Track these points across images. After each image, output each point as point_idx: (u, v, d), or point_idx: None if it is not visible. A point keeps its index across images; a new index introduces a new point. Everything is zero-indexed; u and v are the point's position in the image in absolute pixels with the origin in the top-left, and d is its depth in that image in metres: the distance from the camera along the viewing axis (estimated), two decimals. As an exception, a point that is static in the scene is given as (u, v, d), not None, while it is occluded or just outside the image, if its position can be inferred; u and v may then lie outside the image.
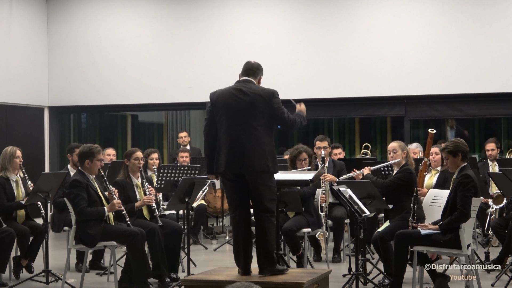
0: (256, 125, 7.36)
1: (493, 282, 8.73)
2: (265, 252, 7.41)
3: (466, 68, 14.17)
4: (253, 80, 7.60)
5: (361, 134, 16.07)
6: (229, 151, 7.38)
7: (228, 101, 7.46)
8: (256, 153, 7.33)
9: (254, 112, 7.37)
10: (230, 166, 7.39)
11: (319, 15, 14.93)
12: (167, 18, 15.64)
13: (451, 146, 8.02)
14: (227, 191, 7.70)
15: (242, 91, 7.47)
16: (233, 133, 7.40)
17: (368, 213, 8.37)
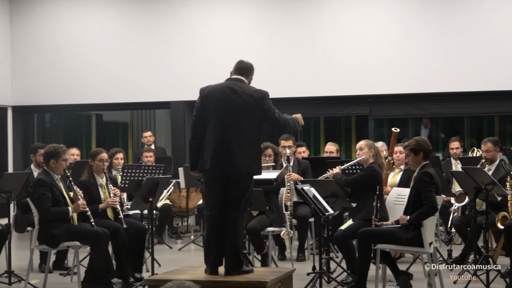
0: (246, 126, 7.37)
1: (455, 280, 8.80)
2: (234, 254, 7.42)
3: (430, 68, 14.27)
4: (245, 80, 7.59)
5: (325, 133, 16.13)
6: (217, 150, 7.34)
7: (220, 99, 7.41)
8: (243, 154, 7.33)
9: (245, 113, 7.36)
10: (216, 165, 7.35)
11: (284, 14, 14.96)
12: (133, 17, 15.56)
13: (413, 144, 8.11)
14: (207, 189, 7.59)
15: (235, 90, 7.43)
16: (222, 131, 7.36)
17: (332, 211, 8.42)
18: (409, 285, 8.12)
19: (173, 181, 12.07)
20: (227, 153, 7.32)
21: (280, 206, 9.95)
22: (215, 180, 7.42)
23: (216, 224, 7.41)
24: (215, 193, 7.43)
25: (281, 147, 10.86)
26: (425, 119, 15.71)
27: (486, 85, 14.11)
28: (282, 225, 9.83)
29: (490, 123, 15.80)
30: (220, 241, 7.40)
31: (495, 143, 10.04)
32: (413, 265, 9.54)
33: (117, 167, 10.71)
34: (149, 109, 16.98)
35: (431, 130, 16.01)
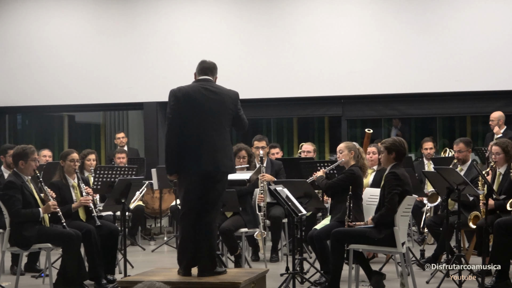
0: (225, 125, 7.40)
1: (428, 279, 8.83)
2: (210, 255, 7.40)
3: (403, 68, 14.35)
4: (211, 79, 7.57)
5: (299, 134, 16.16)
6: (200, 150, 7.31)
7: (198, 99, 7.37)
8: (224, 153, 7.36)
9: (223, 112, 7.39)
10: (200, 164, 7.31)
11: (257, 15, 14.97)
12: (105, 18, 15.51)
13: (389, 143, 8.14)
14: (186, 190, 7.50)
15: (211, 90, 7.42)
16: (203, 132, 7.34)
17: (305, 212, 8.42)
18: (382, 285, 8.14)
19: (146, 182, 12.03)
20: (210, 152, 7.31)
21: (253, 207, 9.95)
22: (197, 180, 7.37)
23: (193, 224, 7.38)
24: (195, 193, 7.39)
25: (254, 148, 10.85)
26: (395, 120, 15.78)
27: (458, 86, 14.20)
28: (256, 226, 9.83)
29: (462, 124, 15.90)
30: (195, 243, 7.38)
31: (467, 143, 10.09)
32: (386, 265, 9.57)
33: (89, 169, 10.65)
34: (122, 110, 16.93)
35: (403, 131, 16.09)
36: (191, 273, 7.42)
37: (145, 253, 11.87)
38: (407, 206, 7.99)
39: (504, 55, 14.04)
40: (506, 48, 14.05)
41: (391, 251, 8.07)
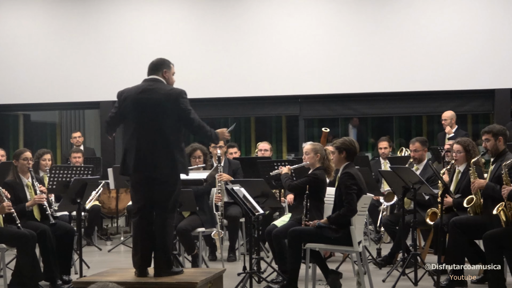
0: (164, 126, 7.25)
1: (384, 278, 8.88)
2: (164, 256, 7.36)
3: (360, 68, 14.43)
4: (159, 77, 7.42)
5: (256, 133, 16.16)
6: (139, 153, 7.25)
7: (136, 101, 7.30)
8: (165, 155, 7.23)
9: (162, 113, 7.24)
10: (140, 168, 7.27)
11: (216, 16, 14.97)
12: (62, 17, 15.41)
13: (339, 143, 8.18)
14: (133, 192, 7.52)
15: (149, 90, 7.32)
16: (141, 134, 7.27)
17: (262, 211, 8.42)
18: (339, 284, 8.17)
19: (102, 182, 11.94)
20: (149, 155, 7.23)
21: (211, 206, 9.93)
22: (141, 182, 7.35)
23: (143, 226, 7.34)
24: (142, 195, 7.36)
25: (212, 147, 10.85)
26: (354, 119, 15.86)
27: (414, 85, 14.33)
28: (213, 226, 9.82)
29: (418, 123, 16.02)
30: (148, 243, 7.34)
31: (423, 143, 10.17)
32: (343, 264, 9.61)
33: (44, 168, 10.54)
34: (78, 109, 16.78)
35: (360, 130, 16.17)
36: (146, 274, 7.37)
37: (101, 253, 11.78)
38: (363, 205, 8.04)
39: (458, 56, 14.20)
40: (460, 49, 14.20)
41: (347, 250, 8.09)
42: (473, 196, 8.41)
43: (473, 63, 14.17)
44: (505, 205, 7.67)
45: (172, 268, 7.44)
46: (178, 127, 7.36)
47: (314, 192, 8.58)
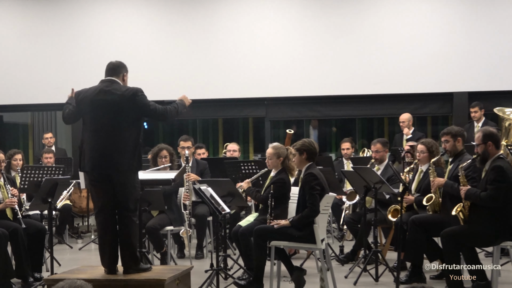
0: (121, 125, 7.20)
1: (346, 274, 8.94)
2: (130, 253, 7.33)
3: (323, 71, 14.49)
4: (117, 79, 7.40)
5: (224, 134, 16.17)
6: (95, 152, 7.21)
7: (93, 101, 7.27)
8: (122, 153, 7.17)
9: (118, 112, 7.18)
10: (96, 166, 7.24)
11: (183, 18, 14.94)
12: (32, 19, 15.30)
13: (299, 145, 8.22)
14: (92, 192, 7.53)
15: (106, 91, 7.27)
16: (98, 133, 7.22)
17: (228, 210, 8.42)
18: (303, 280, 8.19)
19: (73, 182, 11.88)
20: (106, 154, 7.19)
21: (179, 205, 9.93)
22: (98, 181, 7.31)
23: (107, 225, 7.30)
24: (102, 195, 7.31)
25: (180, 148, 10.85)
26: (314, 121, 15.91)
27: (376, 88, 14.42)
28: (181, 224, 9.82)
29: (380, 125, 16.11)
30: (113, 241, 7.31)
31: (384, 144, 10.23)
32: (307, 261, 9.66)
33: (16, 168, 10.52)
34: (49, 110, 16.67)
35: (324, 132, 16.23)
36: (116, 271, 7.35)
37: (72, 251, 11.73)
38: (326, 204, 8.07)
39: (417, 60, 14.30)
40: (419, 53, 14.30)
41: (311, 247, 8.13)
42: (433, 195, 8.49)
43: (432, 67, 14.28)
44: (463, 205, 7.76)
45: (140, 265, 7.42)
46: (137, 125, 7.30)
47: (279, 194, 8.63)
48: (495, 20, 14.20)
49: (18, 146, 16.27)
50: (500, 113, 9.86)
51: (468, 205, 7.76)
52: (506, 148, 8.77)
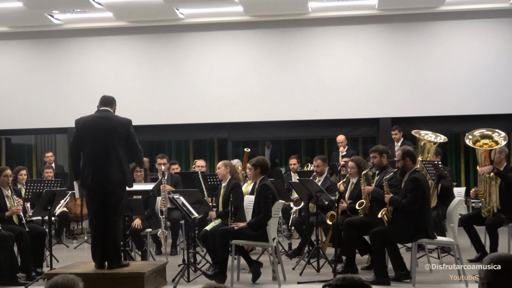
0: (116, 146, 7.23)
1: (293, 267, 8.93)
2: (114, 251, 7.29)
3: (274, 101, 14.52)
4: (110, 109, 7.49)
5: (194, 153, 16.11)
6: (95, 168, 7.21)
7: (92, 127, 7.30)
8: (116, 168, 7.19)
9: (114, 135, 7.25)
10: (96, 179, 7.21)
11: (160, 56, 14.90)
12: (36, 58, 15.22)
13: (254, 161, 8.27)
14: (89, 199, 7.46)
15: (105, 118, 7.35)
16: (97, 153, 7.24)
17: (197, 215, 8.39)
18: (259, 272, 8.18)
19: (69, 193, 11.75)
20: (103, 169, 7.21)
21: (156, 211, 9.87)
22: (95, 191, 7.29)
23: (99, 227, 7.27)
24: (96, 202, 7.30)
25: (157, 164, 10.82)
26: (268, 141, 15.92)
27: (317, 115, 14.48)
28: (159, 227, 9.76)
29: (321, 144, 16.16)
30: (103, 241, 7.26)
31: (324, 160, 10.28)
32: (262, 256, 9.63)
33: (21, 181, 10.44)
34: (49, 133, 16.49)
35: (274, 150, 16.25)
36: (104, 266, 7.29)
37: (68, 250, 11.58)
38: (276, 209, 8.09)
39: (350, 91, 14.38)
40: (351, 85, 14.38)
41: (265, 244, 8.13)
42: (363, 201, 8.54)
43: (362, 97, 14.39)
44: (387, 210, 7.82)
45: (121, 261, 7.38)
46: (127, 148, 7.33)
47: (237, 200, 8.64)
48: (413, 57, 14.35)
49: (24, 163, 16.08)
50: (417, 134, 9.98)
51: (391, 209, 7.82)
52: (422, 163, 8.86)
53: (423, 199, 7.56)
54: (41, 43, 15.23)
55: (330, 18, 14.41)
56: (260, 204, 7.98)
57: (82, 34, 15.03)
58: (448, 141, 10.61)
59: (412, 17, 14.31)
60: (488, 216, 9.10)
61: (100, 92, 13.93)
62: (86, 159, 7.30)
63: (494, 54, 14.18)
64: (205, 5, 13.61)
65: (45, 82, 15.12)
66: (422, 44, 14.35)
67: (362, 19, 14.40)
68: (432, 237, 7.60)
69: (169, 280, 8.05)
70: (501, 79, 14.10)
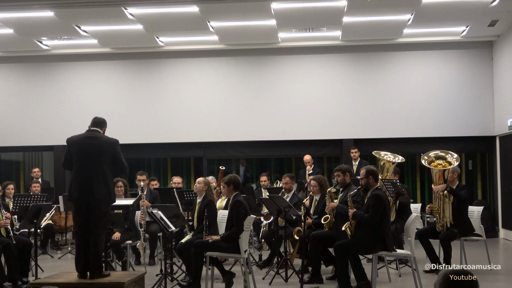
0: (101, 165, 7.11)
1: (263, 276, 8.86)
2: (96, 261, 7.14)
3: (246, 122, 14.51)
4: (100, 130, 7.38)
5: (172, 170, 15.99)
6: (81, 184, 7.07)
7: (80, 145, 7.18)
8: (100, 185, 7.05)
9: (101, 155, 7.13)
10: (81, 195, 7.07)
11: (140, 81, 14.84)
12: (25, 81, 15.08)
13: (227, 179, 8.24)
14: (75, 213, 7.26)
15: (92, 137, 7.23)
16: (84, 170, 7.10)
17: (174, 228, 8.28)
18: (232, 281, 8.10)
19: (54, 206, 11.57)
20: (88, 186, 7.06)
21: (136, 224, 9.73)
22: (81, 206, 7.15)
23: (84, 240, 7.12)
24: (82, 216, 7.14)
25: (137, 180, 10.69)
26: (242, 159, 15.87)
27: (285, 135, 14.49)
28: (138, 239, 9.62)
29: (289, 163, 16.16)
30: (86, 252, 7.11)
31: (292, 177, 10.25)
32: (234, 266, 9.54)
33: (9, 195, 10.23)
34: (37, 151, 16.26)
35: (247, 168, 16.19)
36: (86, 276, 7.13)
37: (53, 260, 11.35)
38: (248, 223, 8.02)
39: (315, 115, 14.43)
40: (317, 109, 14.43)
41: (237, 256, 8.04)
42: (328, 216, 8.51)
43: (327, 120, 14.44)
44: (350, 223, 7.79)
45: (102, 272, 7.23)
46: (110, 167, 7.22)
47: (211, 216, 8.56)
48: (373, 84, 14.45)
49: (12, 178, 15.83)
50: (377, 155, 9.99)
51: (354, 223, 7.79)
52: (382, 181, 8.86)
53: (383, 214, 7.54)
54: (31, 67, 15.07)
55: (298, 47, 14.48)
56: (233, 219, 7.92)
57: (68, 59, 14.91)
58: (405, 161, 10.64)
59: (373, 47, 14.44)
60: (442, 230, 9.13)
61: (84, 112, 14.09)
62: (73, 175, 7.19)
63: (446, 81, 14.35)
64: (183, 34, 13.61)
65: (34, 103, 14.95)
66: (382, 72, 14.47)
67: (327, 49, 14.50)
68: (391, 250, 7.58)
69: (147, 289, 7.92)
70: (452, 105, 14.25)
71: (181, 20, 12.25)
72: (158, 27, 12.91)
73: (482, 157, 15.04)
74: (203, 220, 8.37)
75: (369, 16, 12.36)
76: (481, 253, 9.66)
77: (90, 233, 7.09)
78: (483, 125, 14.19)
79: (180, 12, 11.77)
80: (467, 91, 14.28)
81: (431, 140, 14.07)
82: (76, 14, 11.87)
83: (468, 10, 12.00)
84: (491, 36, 13.95)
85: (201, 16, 11.92)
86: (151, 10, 11.68)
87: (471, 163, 15.18)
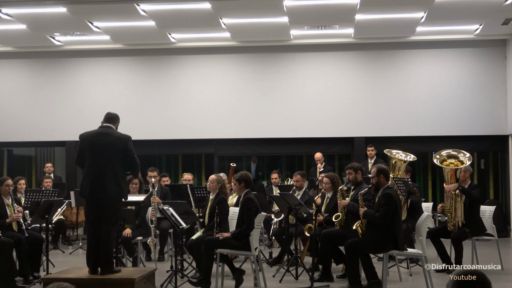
0: (114, 161, 7.08)
1: (274, 274, 8.86)
2: (107, 258, 7.14)
3: (257, 120, 14.49)
4: (112, 126, 7.34)
5: (183, 167, 16.01)
6: (92, 180, 7.06)
7: (92, 142, 7.16)
8: (112, 182, 7.04)
9: (113, 151, 7.09)
10: (93, 191, 7.07)
11: (153, 77, 14.86)
12: (37, 77, 15.13)
13: (238, 176, 8.21)
14: (87, 209, 7.28)
15: (105, 134, 7.19)
16: (96, 166, 7.09)
17: (185, 225, 8.29)
18: (242, 278, 8.10)
19: (66, 202, 11.62)
20: (100, 182, 7.05)
21: (147, 220, 9.75)
22: (93, 202, 7.15)
23: (94, 235, 7.13)
24: (93, 212, 7.15)
25: (148, 176, 10.72)
26: (253, 156, 15.86)
27: (296, 133, 14.46)
28: (148, 235, 9.63)
29: (300, 161, 16.14)
30: (97, 248, 7.12)
31: (303, 175, 10.22)
32: (244, 263, 9.55)
33: (20, 190, 10.30)
34: (49, 146, 16.33)
35: (258, 165, 16.19)
36: (97, 272, 7.15)
37: (64, 255, 11.41)
38: (259, 221, 8.02)
39: (327, 112, 14.39)
40: (329, 107, 14.40)
41: (247, 253, 8.04)
42: (340, 213, 8.48)
43: (338, 118, 14.39)
44: (361, 222, 7.76)
45: (113, 268, 7.24)
46: (123, 163, 7.20)
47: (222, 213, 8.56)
48: (385, 82, 14.39)
49: (25, 173, 15.93)
50: (388, 153, 9.94)
51: (365, 222, 7.76)
52: (393, 180, 8.82)
53: (394, 213, 7.50)
54: (43, 62, 15.12)
55: (310, 45, 14.44)
56: (244, 216, 7.91)
57: (81, 55, 14.94)
58: (417, 160, 10.59)
59: (385, 45, 14.37)
60: (454, 230, 9.08)
61: (96, 108, 14.11)
62: (85, 171, 7.18)
63: (458, 80, 14.27)
64: (195, 30, 13.60)
65: (46, 99, 15.00)
66: (394, 70, 14.41)
67: (339, 47, 14.45)
68: (402, 249, 7.54)
69: (158, 286, 7.93)
70: (465, 103, 14.17)
71: (193, 16, 12.25)
72: (170, 23, 12.91)
73: (495, 156, 14.95)
74: (214, 217, 8.36)
75: (382, 13, 12.31)
76: (493, 253, 9.60)
77: (101, 229, 7.10)
78: (496, 124, 14.10)
79: (192, 8, 11.77)
80: (480, 89, 14.19)
81: (442, 138, 14.00)
82: (89, 10, 11.90)
83: (482, 9, 11.92)
84: (505, 34, 13.85)
85: (213, 12, 11.91)
86: (163, 6, 11.68)
87: (483, 162, 15.09)
